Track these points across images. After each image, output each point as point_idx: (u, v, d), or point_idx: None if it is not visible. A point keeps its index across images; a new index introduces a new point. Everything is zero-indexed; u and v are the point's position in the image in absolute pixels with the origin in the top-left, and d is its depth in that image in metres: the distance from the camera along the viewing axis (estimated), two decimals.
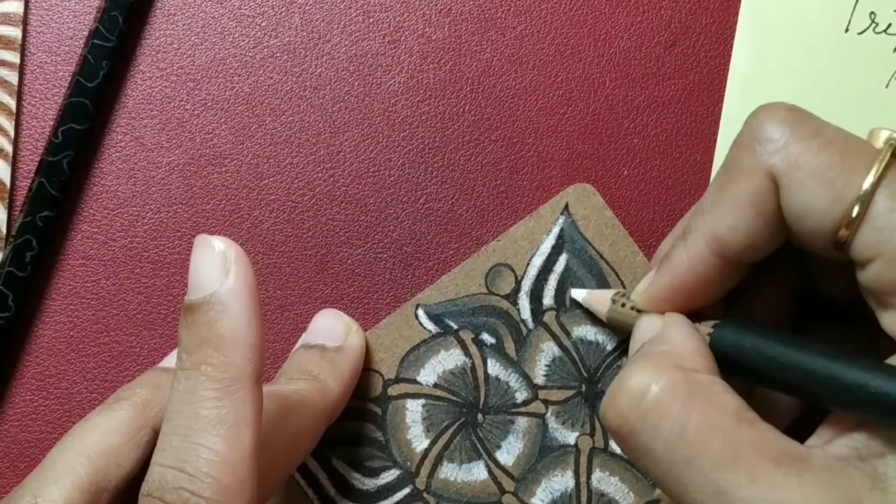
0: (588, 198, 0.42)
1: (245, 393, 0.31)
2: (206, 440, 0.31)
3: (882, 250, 0.30)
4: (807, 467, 0.29)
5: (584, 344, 0.42)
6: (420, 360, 0.42)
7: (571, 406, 0.42)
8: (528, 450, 0.41)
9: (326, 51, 0.44)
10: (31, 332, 0.43)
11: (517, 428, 0.41)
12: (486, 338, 0.42)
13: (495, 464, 0.41)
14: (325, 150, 0.44)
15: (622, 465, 0.41)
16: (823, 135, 0.31)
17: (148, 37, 0.44)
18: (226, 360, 0.31)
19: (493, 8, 0.44)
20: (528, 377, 0.42)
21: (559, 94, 0.44)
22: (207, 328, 0.31)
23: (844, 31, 0.43)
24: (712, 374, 0.32)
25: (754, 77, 0.43)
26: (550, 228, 0.42)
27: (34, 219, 0.42)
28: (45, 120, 0.44)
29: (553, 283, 0.42)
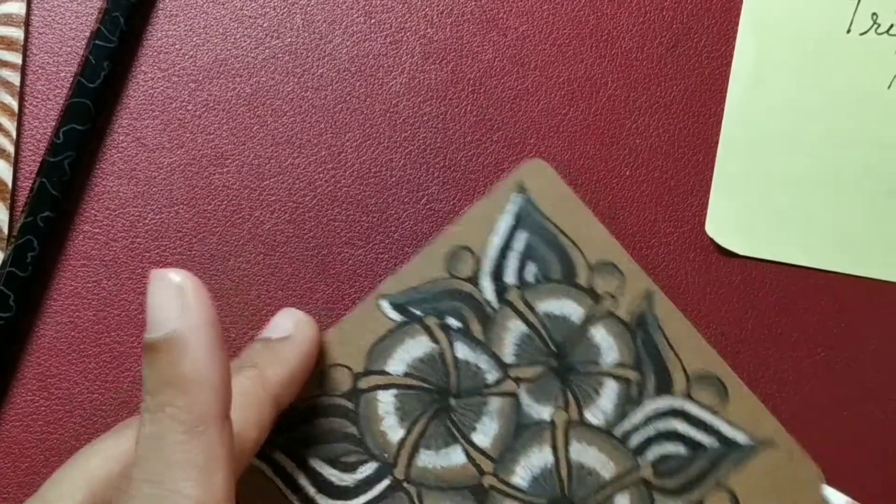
0: (543, 173, 0.42)
1: (214, 432, 0.31)
2: (179, 485, 0.30)
3: None
4: None
5: (550, 319, 0.42)
6: (387, 350, 0.42)
7: (543, 382, 0.42)
8: (504, 429, 0.41)
9: (328, 51, 0.44)
10: (33, 332, 0.43)
11: (491, 409, 0.41)
12: (452, 322, 0.42)
13: (472, 447, 0.41)
14: (327, 151, 0.44)
15: (600, 436, 0.41)
16: None
17: (149, 37, 0.44)
18: (190, 401, 0.30)
19: (495, 8, 0.44)
20: (497, 357, 0.42)
21: (561, 95, 0.44)
22: (169, 368, 0.31)
23: (846, 32, 0.43)
24: None
25: (756, 78, 0.43)
26: (506, 207, 0.42)
27: (35, 219, 0.42)
28: (46, 120, 0.44)
29: (514, 262, 0.42)
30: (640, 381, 0.42)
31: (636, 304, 0.42)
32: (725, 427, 0.42)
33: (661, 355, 0.42)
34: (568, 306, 0.42)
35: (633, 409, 0.42)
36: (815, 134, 0.43)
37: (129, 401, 0.42)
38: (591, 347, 0.42)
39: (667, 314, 0.42)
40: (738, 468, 0.41)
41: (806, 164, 0.43)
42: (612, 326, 0.42)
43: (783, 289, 0.43)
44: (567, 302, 0.42)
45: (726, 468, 0.41)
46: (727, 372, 0.42)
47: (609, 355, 0.42)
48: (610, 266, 0.42)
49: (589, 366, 0.42)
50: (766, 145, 0.43)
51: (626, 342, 0.42)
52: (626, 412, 0.41)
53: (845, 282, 0.43)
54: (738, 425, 0.41)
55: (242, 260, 0.43)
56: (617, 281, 0.42)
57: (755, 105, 0.43)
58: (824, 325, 0.43)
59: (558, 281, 0.42)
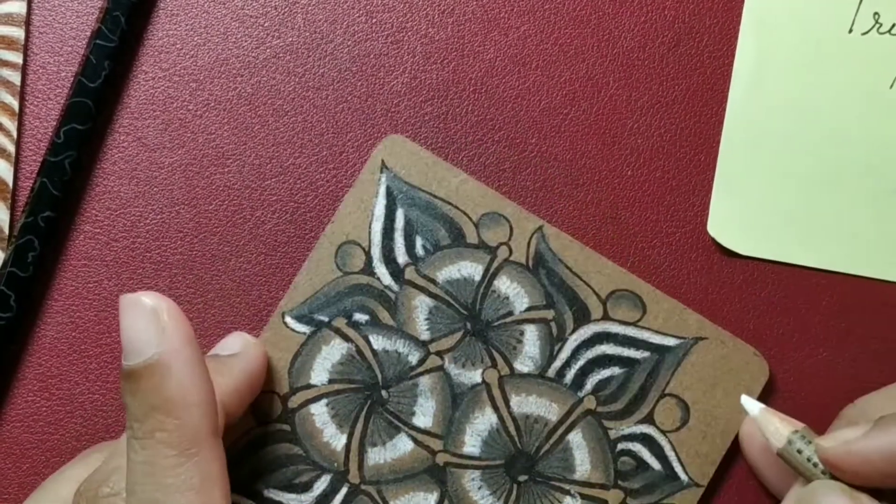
0: (401, 146, 0.42)
1: (206, 451, 0.31)
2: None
3: None
4: None
5: (452, 284, 0.42)
6: (306, 364, 0.42)
7: (465, 347, 0.41)
8: (442, 404, 0.41)
9: (329, 51, 0.44)
10: (33, 332, 0.43)
11: (423, 388, 0.41)
12: (360, 317, 0.42)
13: (416, 430, 0.41)
14: (328, 151, 0.43)
15: (534, 382, 0.41)
16: None
17: (150, 37, 0.44)
18: (180, 424, 0.30)
19: (497, 8, 0.44)
20: (413, 337, 0.42)
21: (562, 95, 0.44)
22: (154, 394, 0.31)
23: (848, 31, 0.43)
24: None
25: (758, 77, 0.43)
26: (376, 190, 0.42)
27: (36, 219, 0.42)
28: (47, 120, 0.44)
29: (401, 241, 0.42)
30: (557, 318, 0.42)
31: (530, 245, 0.42)
32: (652, 336, 0.42)
33: (570, 286, 0.42)
34: (465, 267, 0.42)
35: (559, 346, 0.42)
36: (816, 134, 0.43)
37: None
38: (499, 300, 0.42)
39: (563, 245, 0.42)
40: (676, 371, 0.41)
41: (808, 163, 0.43)
42: (514, 274, 0.42)
43: (785, 289, 0.43)
44: (463, 263, 0.42)
45: (664, 375, 0.41)
46: (637, 283, 0.42)
47: (520, 302, 0.42)
48: (494, 216, 0.42)
49: (503, 318, 0.42)
50: (767, 145, 0.43)
51: (532, 284, 0.42)
52: (553, 351, 0.41)
53: (847, 282, 0.43)
54: (664, 331, 0.41)
55: (243, 260, 0.43)
56: (505, 228, 0.42)
57: (757, 105, 0.43)
58: (826, 325, 0.43)
59: (448, 246, 0.42)
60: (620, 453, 0.41)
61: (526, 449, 0.41)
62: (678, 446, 0.41)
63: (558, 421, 0.41)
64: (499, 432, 0.41)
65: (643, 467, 0.41)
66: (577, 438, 0.41)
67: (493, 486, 0.41)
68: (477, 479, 0.41)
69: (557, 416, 0.41)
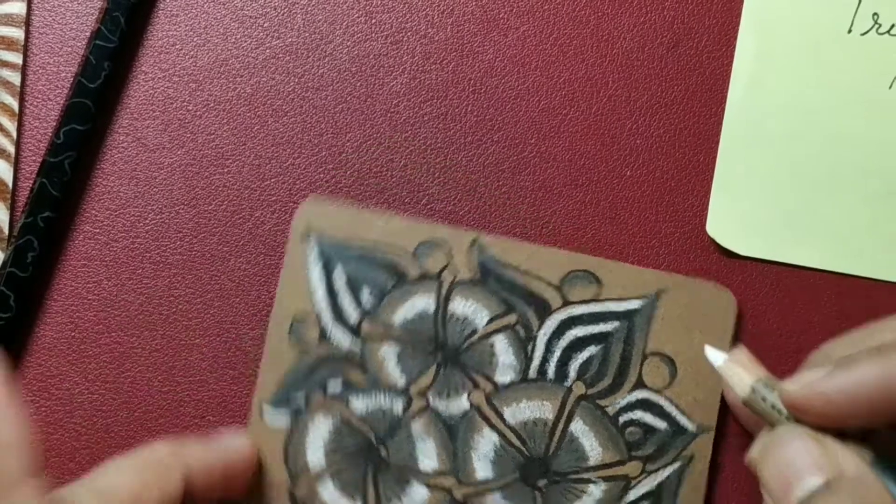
0: (320, 208, 0.42)
1: (22, 494, 0.30)
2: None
3: None
4: None
5: (410, 323, 0.42)
6: (299, 449, 0.41)
7: (442, 378, 0.41)
8: (440, 441, 0.41)
9: (329, 52, 0.44)
10: (33, 332, 0.43)
11: (417, 432, 0.41)
12: (334, 386, 0.41)
13: (425, 475, 0.41)
14: (328, 151, 0.43)
15: (521, 388, 0.41)
16: None
17: (150, 37, 0.44)
18: (3, 462, 0.30)
19: (496, 9, 0.44)
20: (391, 387, 0.41)
21: (561, 95, 0.44)
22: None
23: (847, 32, 0.43)
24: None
25: (757, 78, 0.43)
26: (307, 257, 0.42)
27: (36, 219, 0.42)
28: (47, 121, 0.44)
29: (348, 298, 0.42)
30: (521, 320, 0.42)
31: (471, 259, 0.42)
32: (615, 304, 0.42)
33: (521, 285, 0.42)
34: (417, 303, 0.42)
35: (531, 345, 0.42)
36: (816, 134, 0.43)
37: (130, 401, 0.42)
38: (460, 322, 0.42)
39: (503, 249, 0.42)
40: (649, 330, 0.41)
41: (807, 164, 0.43)
42: (465, 292, 0.42)
43: (784, 289, 0.43)
44: (414, 300, 0.42)
45: (640, 337, 0.41)
46: (584, 259, 0.42)
47: (480, 317, 0.42)
48: (428, 244, 0.42)
49: (470, 338, 0.42)
50: (766, 145, 0.43)
51: (486, 296, 0.42)
52: (528, 352, 0.41)
53: (846, 282, 0.43)
54: (625, 296, 0.42)
55: (243, 260, 0.43)
56: (442, 252, 0.42)
57: (756, 105, 0.43)
58: (825, 325, 0.43)
59: (394, 287, 0.42)
60: (624, 425, 0.41)
61: (535, 454, 0.41)
62: (676, 400, 0.41)
63: (556, 417, 0.41)
64: (504, 448, 0.41)
65: (650, 431, 0.41)
66: (579, 427, 0.41)
67: (518, 501, 0.41)
68: (500, 500, 0.41)
69: (553, 413, 0.41)
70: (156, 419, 0.42)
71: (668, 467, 0.41)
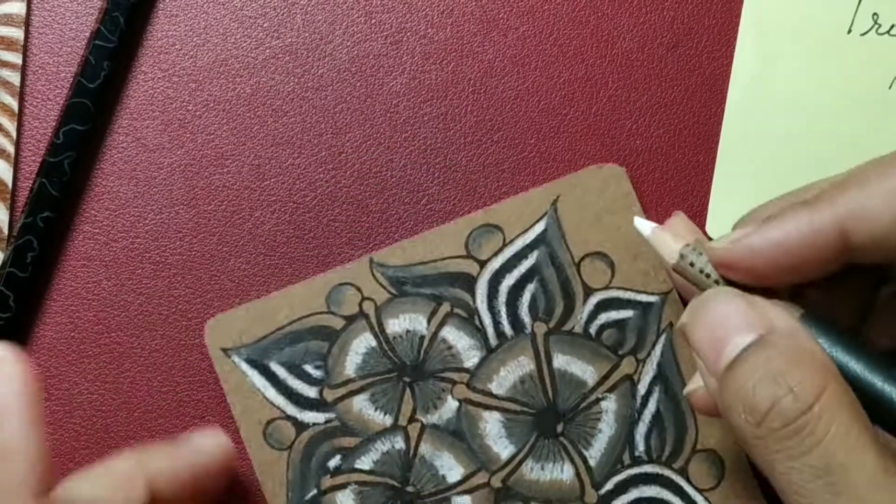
0: (225, 321, 0.42)
1: None
2: None
3: None
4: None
5: (363, 366, 0.42)
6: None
7: (419, 395, 0.41)
8: (454, 449, 0.41)
9: (328, 52, 0.44)
10: (32, 332, 0.43)
11: (429, 454, 0.41)
12: (334, 462, 0.41)
13: (460, 484, 0.41)
14: (327, 151, 0.43)
15: (493, 360, 0.41)
16: None
17: (149, 38, 0.44)
18: (7, 473, 0.30)
19: (496, 9, 0.44)
20: (380, 430, 0.41)
21: (561, 95, 0.44)
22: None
23: (847, 32, 0.43)
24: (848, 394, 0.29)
25: (756, 78, 0.43)
26: (242, 373, 0.42)
27: (35, 219, 0.42)
28: (46, 121, 0.44)
29: (297, 382, 0.42)
30: (455, 303, 0.42)
31: (379, 279, 0.42)
32: (522, 238, 0.42)
33: (435, 274, 0.42)
34: (359, 345, 0.42)
35: (477, 318, 0.42)
36: (815, 134, 0.43)
37: (129, 401, 0.42)
38: (404, 338, 0.42)
39: (399, 254, 0.42)
40: (566, 239, 0.42)
41: (806, 164, 0.43)
42: (393, 310, 0.42)
43: None
44: (354, 345, 0.42)
45: (562, 250, 0.42)
46: (476, 218, 0.42)
47: (419, 324, 0.42)
48: (335, 291, 0.42)
49: (421, 346, 0.42)
50: (766, 146, 0.43)
51: (412, 303, 0.42)
52: (479, 326, 0.42)
53: None
54: (527, 224, 0.42)
55: (242, 260, 0.43)
56: (351, 289, 0.42)
57: (756, 105, 0.43)
58: None
59: (331, 346, 0.42)
60: (598, 333, 0.41)
61: (539, 407, 0.41)
62: (627, 284, 0.42)
63: (537, 365, 0.41)
64: (510, 420, 0.41)
65: (622, 324, 0.42)
66: (562, 360, 0.42)
67: (549, 457, 0.41)
68: (534, 465, 0.41)
69: (533, 362, 0.42)
70: (155, 419, 0.42)
71: (657, 345, 0.41)
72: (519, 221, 0.42)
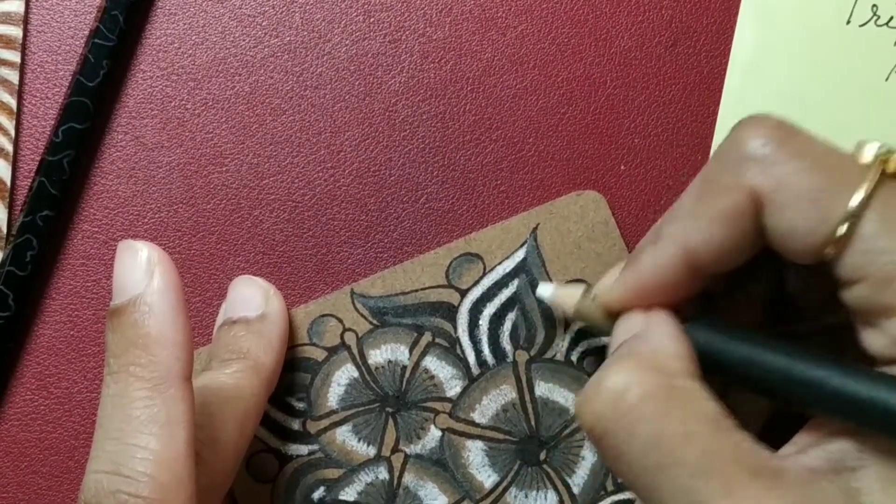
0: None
1: (176, 391, 0.31)
2: (140, 440, 0.30)
3: (867, 273, 0.29)
4: (782, 482, 0.29)
5: (345, 397, 0.41)
6: None
7: (402, 425, 0.41)
8: (437, 479, 0.41)
9: (327, 50, 0.44)
10: (32, 331, 0.43)
11: (413, 484, 0.41)
12: (319, 494, 0.41)
13: None
14: (326, 150, 0.44)
15: (475, 389, 0.41)
16: (810, 154, 0.31)
17: (148, 36, 0.44)
18: (154, 360, 0.31)
19: (494, 7, 0.44)
20: (364, 462, 0.41)
21: (560, 94, 0.44)
22: (134, 329, 0.31)
23: (846, 23, 0.43)
24: (693, 379, 0.31)
25: (754, 68, 0.43)
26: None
27: (34, 218, 0.42)
28: (45, 119, 0.44)
29: (279, 414, 0.41)
30: (436, 333, 0.42)
31: (360, 310, 0.42)
32: (502, 266, 0.42)
33: (416, 304, 0.42)
34: (340, 376, 0.42)
35: (458, 348, 0.42)
36: (812, 126, 0.42)
37: None
38: (386, 369, 0.42)
39: (379, 285, 0.42)
40: (546, 267, 0.42)
41: None
42: (375, 341, 0.42)
43: None
44: (336, 376, 0.42)
45: (543, 278, 0.42)
46: (457, 246, 0.42)
47: (400, 354, 0.42)
48: (315, 323, 0.42)
49: (403, 377, 0.42)
50: None
51: (394, 334, 0.42)
52: (461, 355, 0.42)
53: None
54: (508, 253, 0.42)
55: (242, 259, 0.43)
56: (332, 320, 0.42)
57: (753, 96, 0.43)
58: None
59: (313, 378, 0.41)
60: (580, 361, 0.42)
61: (521, 435, 0.41)
62: None
63: (518, 393, 0.41)
64: (492, 448, 0.41)
65: (602, 351, 0.41)
66: (544, 389, 0.41)
67: (533, 484, 0.41)
68: (518, 493, 0.41)
69: (515, 391, 0.41)
70: None
71: None
72: (499, 250, 0.42)
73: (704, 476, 0.29)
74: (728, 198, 0.31)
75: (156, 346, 0.31)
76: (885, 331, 0.30)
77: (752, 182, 0.31)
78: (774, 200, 0.31)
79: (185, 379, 0.32)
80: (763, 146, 0.31)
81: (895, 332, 0.29)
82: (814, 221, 0.30)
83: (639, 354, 0.32)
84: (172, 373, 0.31)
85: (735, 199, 0.31)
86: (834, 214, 0.30)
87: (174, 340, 0.31)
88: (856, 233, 0.29)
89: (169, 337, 0.31)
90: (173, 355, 0.31)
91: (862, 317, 0.30)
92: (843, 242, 0.30)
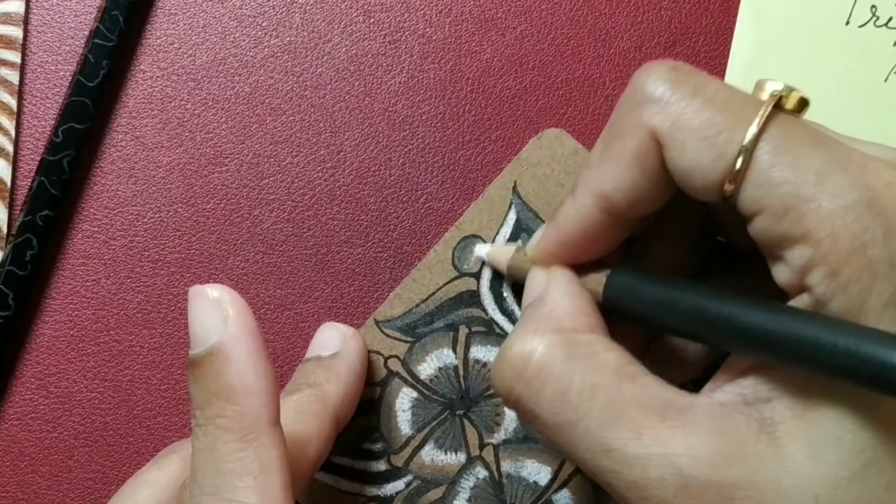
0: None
1: (266, 438, 0.31)
2: (236, 494, 0.30)
3: (765, 205, 0.29)
4: (691, 417, 0.30)
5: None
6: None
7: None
8: None
9: (327, 50, 0.44)
10: (31, 330, 0.43)
11: None
12: None
13: None
14: (326, 150, 0.44)
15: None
16: (704, 92, 0.31)
17: (148, 36, 0.44)
18: (239, 410, 0.31)
19: (494, 8, 0.44)
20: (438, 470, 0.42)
21: (559, 95, 0.44)
22: (215, 380, 0.31)
23: (845, 23, 0.43)
24: (594, 332, 0.32)
25: (754, 69, 0.43)
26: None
27: (34, 218, 0.42)
28: (45, 119, 0.44)
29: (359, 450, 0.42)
30: (471, 323, 0.42)
31: (389, 333, 0.42)
32: (503, 232, 0.42)
33: (438, 307, 0.42)
34: (403, 400, 0.42)
35: (496, 327, 0.42)
36: None
37: (129, 399, 0.42)
38: (448, 378, 0.42)
39: (397, 304, 0.42)
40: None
41: None
42: (416, 358, 0.42)
43: None
44: (398, 398, 0.42)
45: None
46: (451, 236, 0.42)
47: (446, 357, 0.42)
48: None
49: (476, 386, 0.42)
50: None
51: (432, 342, 0.42)
52: (500, 333, 0.42)
53: None
54: (499, 217, 0.42)
55: (241, 259, 0.43)
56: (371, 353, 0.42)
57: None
58: None
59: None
60: None
61: None
62: None
63: None
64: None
65: None
66: None
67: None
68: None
69: None
70: (154, 417, 0.42)
71: None
72: (491, 221, 0.42)
73: (612, 425, 0.30)
74: (630, 140, 0.32)
75: (239, 396, 0.31)
76: (788, 261, 0.30)
77: (651, 122, 0.31)
78: (673, 139, 0.31)
79: (274, 424, 0.31)
80: (660, 87, 0.31)
81: (796, 261, 0.29)
82: (711, 157, 0.30)
83: (537, 318, 0.33)
84: (260, 421, 0.31)
85: (637, 140, 0.32)
86: (729, 149, 0.30)
87: (257, 387, 0.31)
88: (751, 166, 0.30)
89: (251, 384, 0.31)
90: (258, 403, 0.31)
91: (767, 250, 0.31)
92: (739, 177, 0.30)
